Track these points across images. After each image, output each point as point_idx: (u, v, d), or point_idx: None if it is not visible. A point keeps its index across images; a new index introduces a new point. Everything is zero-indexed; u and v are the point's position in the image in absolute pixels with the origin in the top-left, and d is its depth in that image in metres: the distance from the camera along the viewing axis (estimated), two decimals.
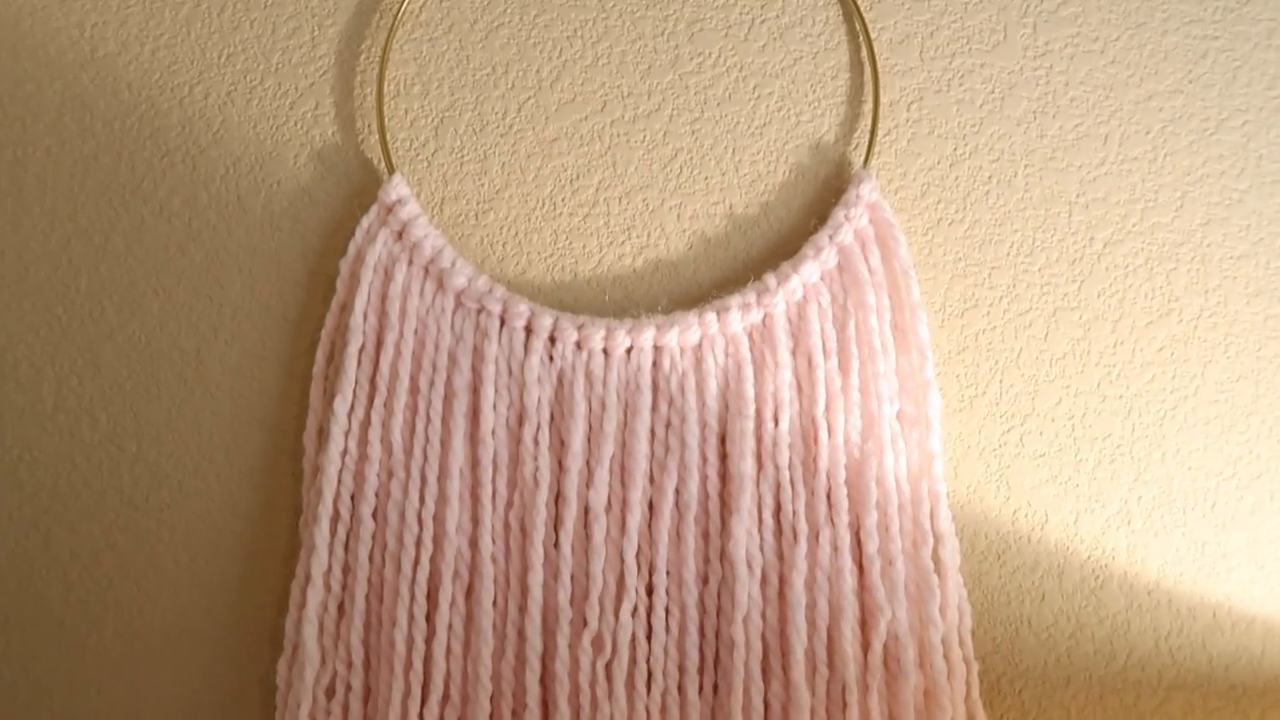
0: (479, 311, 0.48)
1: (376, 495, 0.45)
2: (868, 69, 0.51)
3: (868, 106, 0.51)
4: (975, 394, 0.49)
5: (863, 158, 0.50)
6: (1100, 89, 0.51)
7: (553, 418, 0.46)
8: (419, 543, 0.45)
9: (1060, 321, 0.49)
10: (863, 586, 0.44)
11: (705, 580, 0.45)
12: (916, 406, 0.47)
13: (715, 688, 0.44)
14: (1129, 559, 0.47)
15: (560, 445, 0.46)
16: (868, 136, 0.50)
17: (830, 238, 0.48)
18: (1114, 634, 0.46)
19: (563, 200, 0.50)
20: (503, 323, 0.47)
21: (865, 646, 0.44)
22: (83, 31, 0.52)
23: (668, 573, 0.45)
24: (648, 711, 0.43)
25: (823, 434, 0.46)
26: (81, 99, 0.51)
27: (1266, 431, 0.49)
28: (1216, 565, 0.47)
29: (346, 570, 0.45)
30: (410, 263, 0.48)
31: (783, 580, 0.44)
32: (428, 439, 0.46)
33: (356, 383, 0.46)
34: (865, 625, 0.44)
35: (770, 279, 0.48)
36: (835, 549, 0.44)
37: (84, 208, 0.50)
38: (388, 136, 0.50)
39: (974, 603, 0.46)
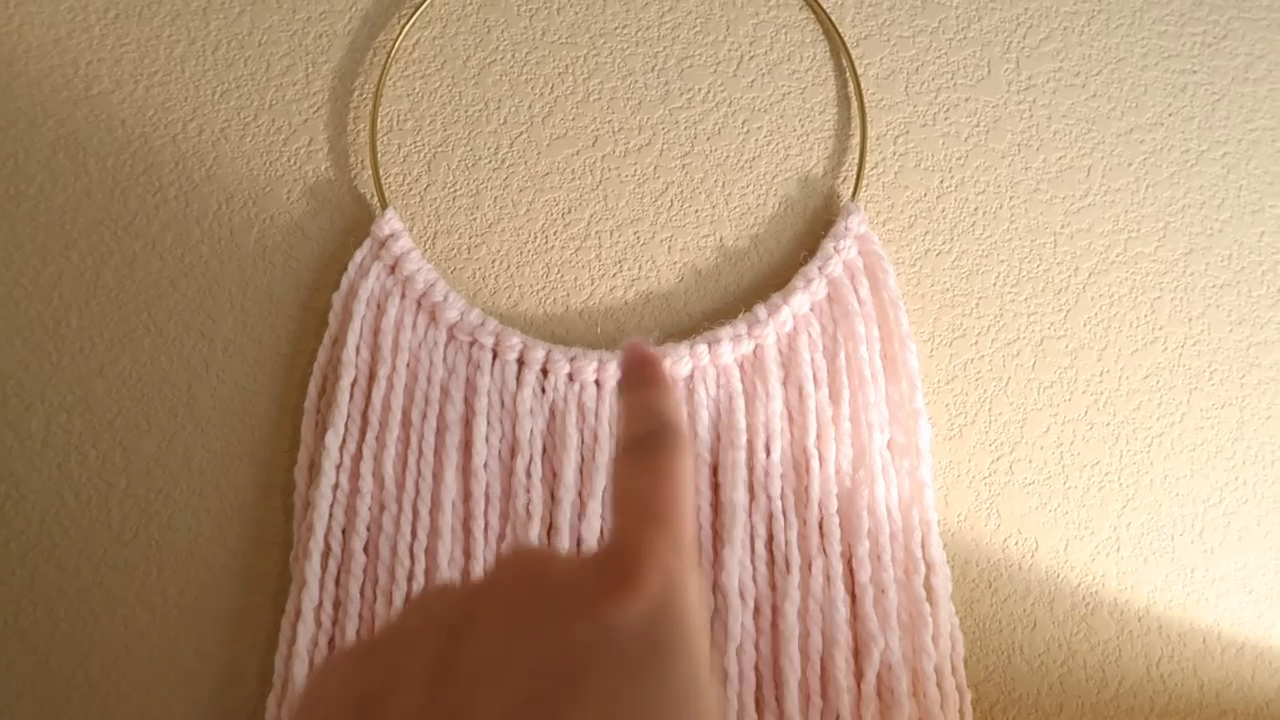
0: (471, 344, 0.48)
1: (368, 529, 0.45)
2: (855, 104, 0.52)
3: (855, 140, 0.51)
4: (964, 423, 0.49)
5: (851, 190, 0.51)
6: (1083, 122, 0.52)
7: (545, 450, 0.46)
8: (411, 576, 0.44)
9: (1047, 350, 0.50)
10: (855, 616, 0.44)
11: None
12: (907, 435, 0.47)
13: None
14: (1119, 585, 0.47)
15: (553, 477, 0.46)
16: (855, 170, 0.51)
17: (820, 269, 0.49)
18: (1105, 661, 0.46)
19: (554, 234, 0.51)
20: (495, 355, 0.47)
21: (859, 676, 0.43)
22: (77, 69, 0.53)
23: None
24: None
25: (814, 464, 0.46)
26: (75, 136, 0.52)
27: (1252, 457, 0.49)
28: (1205, 591, 0.47)
29: (338, 605, 0.44)
30: (403, 296, 0.48)
31: (775, 611, 0.44)
32: (420, 472, 0.45)
33: (349, 416, 0.46)
34: (858, 655, 0.44)
35: (761, 310, 0.48)
36: (828, 578, 0.44)
37: (76, 244, 0.50)
38: (380, 172, 0.50)
39: (966, 631, 0.46)
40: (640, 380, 0.28)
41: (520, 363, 0.47)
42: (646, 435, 0.27)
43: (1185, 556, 0.48)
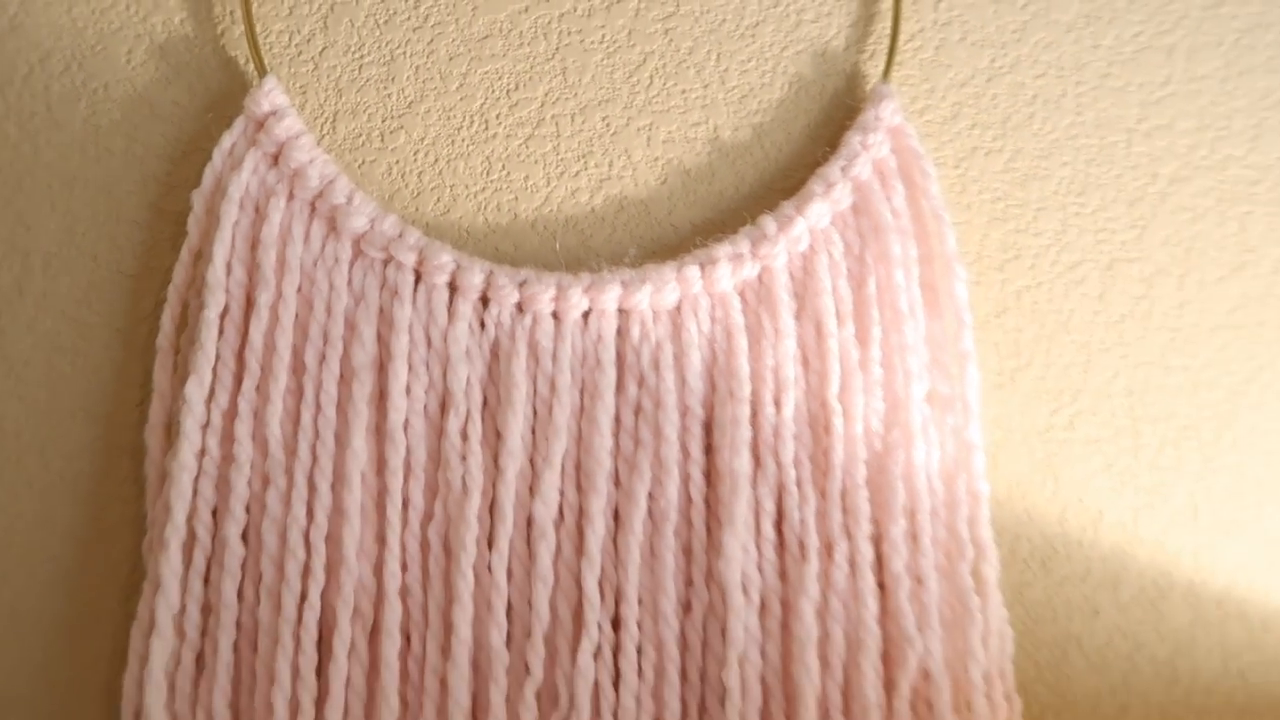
0: (386, 263, 0.40)
1: (248, 510, 0.38)
2: None
3: (886, 4, 0.45)
4: (1017, 367, 0.43)
5: (881, 69, 0.45)
6: None
7: (485, 403, 0.40)
8: (306, 572, 0.37)
9: (1118, 276, 0.44)
10: (886, 613, 0.39)
11: (688, 609, 0.39)
12: (952, 385, 0.41)
13: None
14: (1195, 563, 0.43)
15: (496, 439, 0.39)
16: (887, 42, 0.45)
17: (843, 170, 0.42)
18: (1177, 653, 0.42)
19: (497, 117, 0.43)
20: (418, 278, 0.40)
21: (890, 688, 0.38)
22: None
23: (640, 602, 0.38)
24: None
25: (836, 421, 0.40)
26: None
27: None
28: None
29: (207, 611, 0.38)
30: (290, 197, 0.41)
31: (787, 608, 0.39)
32: (317, 434, 0.39)
33: (218, 359, 0.39)
34: (890, 661, 0.39)
35: (768, 223, 0.42)
36: (853, 567, 0.39)
37: None
38: (258, 27, 0.42)
39: (1015, 621, 0.42)
40: None
41: (452, 288, 0.41)
42: None
43: (1274, 529, 0.43)
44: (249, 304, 0.39)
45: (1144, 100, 0.45)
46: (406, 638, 0.37)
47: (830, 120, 0.44)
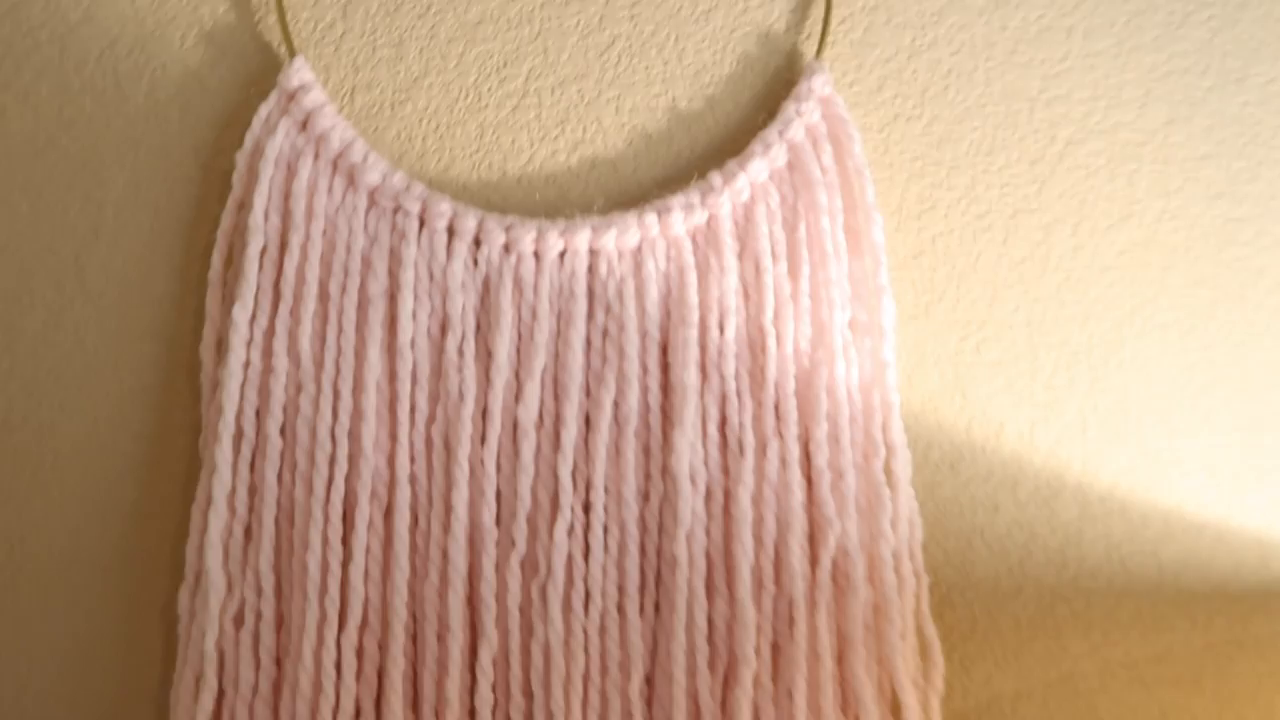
0: (395, 211, 0.44)
1: (284, 410, 0.42)
2: None
3: None
4: (931, 300, 0.47)
5: (815, 48, 0.48)
6: None
7: (478, 327, 0.44)
8: (332, 461, 0.42)
9: (1020, 224, 0.48)
10: (811, 500, 0.43)
11: (646, 497, 0.43)
12: (869, 314, 0.45)
13: (657, 607, 0.42)
14: (1083, 468, 0.46)
15: (487, 356, 0.43)
16: (820, 25, 0.48)
17: (780, 134, 0.46)
18: (1066, 543, 0.46)
19: (489, 90, 0.47)
20: (422, 223, 0.44)
21: (813, 562, 0.42)
22: None
23: (606, 490, 0.42)
24: (585, 633, 0.41)
25: (771, 343, 0.44)
26: None
27: (1223, 338, 0.48)
28: (1169, 473, 0.46)
29: (253, 492, 0.42)
30: (316, 156, 0.44)
31: (728, 495, 0.43)
32: (340, 350, 0.43)
33: (258, 288, 0.43)
34: (814, 540, 0.43)
35: (715, 178, 0.45)
36: (783, 462, 0.43)
37: None
38: (288, 15, 0.46)
39: (926, 514, 0.45)
40: None
41: (450, 232, 0.44)
42: None
43: (1151, 439, 0.47)
44: (283, 244, 0.43)
45: (1045, 74, 0.48)
46: (414, 516, 0.42)
47: (771, 92, 0.47)
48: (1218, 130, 0.49)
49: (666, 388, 0.43)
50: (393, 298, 0.43)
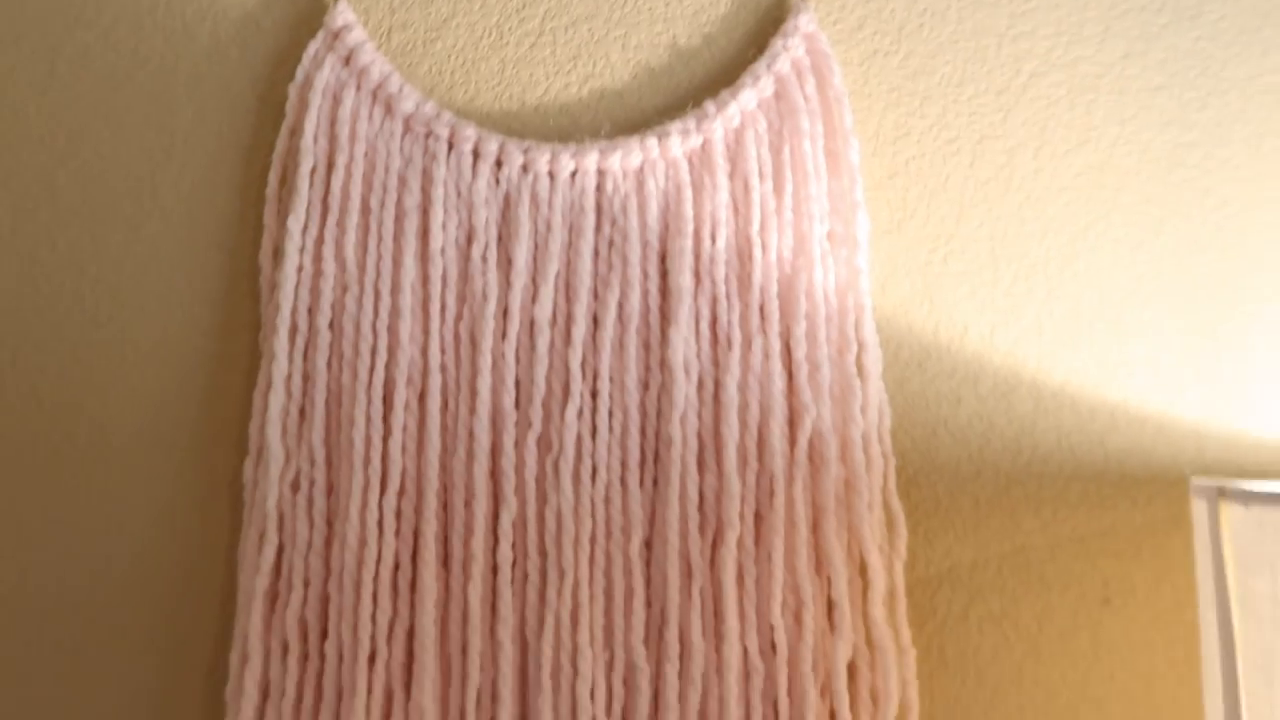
0: (427, 135, 0.49)
1: (332, 308, 0.48)
2: None
3: None
4: (904, 217, 0.51)
5: None
6: None
7: (500, 237, 0.48)
8: (374, 351, 0.47)
9: (986, 149, 0.51)
10: (791, 389, 0.47)
11: (646, 385, 0.47)
12: (845, 226, 0.49)
13: (655, 480, 0.47)
14: (1038, 366, 0.50)
15: (507, 263, 0.48)
16: None
17: (768, 67, 0.50)
18: (1021, 433, 0.50)
19: (510, 29, 0.51)
20: (450, 147, 0.49)
21: (792, 442, 0.47)
22: None
23: (611, 379, 0.47)
24: (592, 501, 0.47)
25: (757, 251, 0.48)
26: None
27: (1169, 252, 0.51)
28: (1117, 372, 0.50)
29: (306, 378, 0.47)
30: (358, 88, 0.49)
31: (717, 384, 0.47)
32: (380, 256, 0.48)
33: (309, 202, 0.48)
34: (792, 424, 0.47)
35: (710, 106, 0.49)
36: (766, 355, 0.47)
37: (26, 35, 0.50)
38: None
39: (896, 406, 0.49)
40: None
41: (475, 154, 0.49)
42: None
43: (1101, 341, 0.51)
44: (330, 164, 0.48)
45: (1012, 12, 0.52)
46: (444, 399, 0.46)
47: (761, 30, 0.51)
48: (1170, 63, 0.52)
49: (664, 291, 0.48)
50: (425, 211, 0.48)
